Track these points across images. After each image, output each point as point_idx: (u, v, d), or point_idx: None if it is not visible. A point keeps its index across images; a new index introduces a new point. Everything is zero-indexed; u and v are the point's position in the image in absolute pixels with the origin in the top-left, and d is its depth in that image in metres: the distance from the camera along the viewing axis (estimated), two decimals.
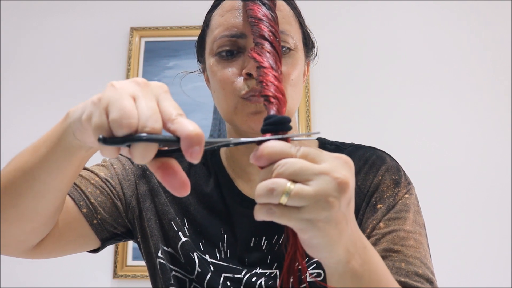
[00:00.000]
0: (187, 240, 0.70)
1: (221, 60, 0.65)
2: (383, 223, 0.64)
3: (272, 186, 0.39)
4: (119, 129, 0.36)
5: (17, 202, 0.53)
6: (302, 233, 0.41)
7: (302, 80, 0.69)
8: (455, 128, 1.77)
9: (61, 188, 0.54)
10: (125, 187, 0.73)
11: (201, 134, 0.36)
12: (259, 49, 0.53)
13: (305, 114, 1.77)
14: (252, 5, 0.58)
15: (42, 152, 0.50)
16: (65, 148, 0.48)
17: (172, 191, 0.39)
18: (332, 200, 0.39)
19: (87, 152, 0.50)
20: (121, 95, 0.38)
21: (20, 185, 0.52)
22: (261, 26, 0.55)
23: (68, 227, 0.66)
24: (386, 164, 0.71)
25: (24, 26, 1.94)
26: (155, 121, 0.37)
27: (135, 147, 0.36)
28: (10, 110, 1.85)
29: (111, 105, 0.37)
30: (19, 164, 0.53)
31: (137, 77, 0.41)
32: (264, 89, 0.48)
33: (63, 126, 0.47)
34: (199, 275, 0.68)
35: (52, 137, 0.49)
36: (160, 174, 0.39)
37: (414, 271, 0.59)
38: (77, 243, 0.69)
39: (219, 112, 0.69)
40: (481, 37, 1.85)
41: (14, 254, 0.62)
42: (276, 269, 0.67)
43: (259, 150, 0.41)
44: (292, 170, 0.39)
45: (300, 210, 0.39)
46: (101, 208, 0.70)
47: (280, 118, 0.44)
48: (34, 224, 0.58)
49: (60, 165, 0.50)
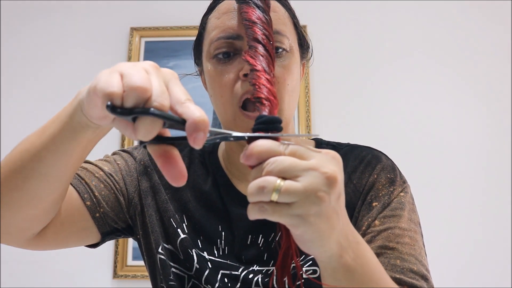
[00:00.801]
0: (186, 237, 0.71)
1: (219, 63, 0.66)
2: (378, 220, 0.65)
3: (263, 184, 0.39)
4: (131, 94, 0.36)
5: (22, 185, 0.53)
6: (294, 229, 0.42)
7: (299, 82, 0.70)
8: (455, 129, 1.77)
9: (65, 172, 0.54)
10: (128, 182, 0.74)
11: (206, 121, 0.37)
12: (253, 52, 0.54)
13: (305, 114, 1.77)
14: (246, 8, 0.59)
15: (49, 132, 0.50)
16: (72, 127, 0.48)
17: (170, 180, 0.40)
18: (321, 195, 0.39)
19: (94, 133, 0.49)
20: (137, 66, 0.39)
21: (25, 167, 0.52)
22: (255, 29, 0.56)
23: (70, 219, 0.67)
24: (382, 163, 0.72)
25: (24, 26, 1.95)
26: (164, 99, 0.37)
27: (141, 120, 0.37)
28: (10, 110, 1.86)
29: (127, 72, 0.38)
30: (25, 146, 0.53)
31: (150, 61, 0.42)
32: (256, 91, 0.49)
33: (73, 104, 0.47)
34: (198, 272, 0.69)
35: (60, 117, 0.49)
36: (160, 162, 0.40)
37: (409, 268, 0.60)
38: (78, 235, 0.69)
39: (219, 118, 0.71)
40: (482, 37, 1.85)
41: (15, 243, 0.62)
42: (272, 266, 0.68)
43: (248, 149, 0.41)
44: (281, 167, 0.40)
45: (290, 206, 0.39)
46: (104, 202, 0.70)
47: (271, 117, 0.45)
48: (37, 211, 0.58)
49: (67, 146, 0.50)
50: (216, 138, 0.43)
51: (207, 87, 0.73)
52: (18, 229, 0.60)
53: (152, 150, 0.40)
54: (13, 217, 0.56)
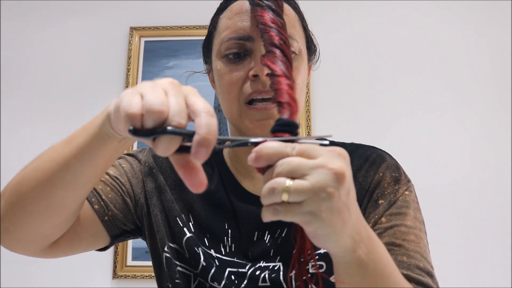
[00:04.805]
0: (192, 236, 0.72)
1: (229, 63, 0.67)
2: (384, 218, 0.66)
3: (273, 185, 0.41)
4: (149, 117, 0.39)
5: (49, 193, 0.55)
6: (308, 226, 0.42)
7: (305, 84, 0.72)
8: (456, 130, 1.77)
9: (91, 180, 0.56)
10: (134, 184, 0.75)
11: (210, 139, 0.39)
12: (272, 57, 0.54)
13: (305, 114, 1.77)
14: (261, 11, 0.59)
15: (78, 142, 0.52)
16: (100, 137, 0.50)
17: (190, 188, 0.42)
18: (331, 191, 0.40)
19: (120, 143, 0.51)
20: (156, 87, 0.41)
21: (54, 176, 0.54)
22: (272, 34, 0.56)
23: (81, 225, 0.68)
24: (386, 162, 0.73)
25: (24, 26, 1.94)
26: (181, 117, 0.39)
27: (159, 139, 0.39)
28: (10, 110, 1.85)
29: (146, 94, 0.40)
30: (52, 156, 0.55)
31: (170, 78, 0.44)
32: (278, 96, 0.50)
33: (102, 115, 0.50)
34: (203, 270, 0.69)
35: (89, 128, 0.51)
36: (182, 172, 0.41)
37: (416, 265, 0.61)
38: (89, 240, 0.70)
39: (225, 114, 0.72)
40: (482, 38, 1.85)
41: (31, 252, 0.64)
42: (279, 262, 0.69)
43: (256, 151, 0.42)
44: (289, 168, 0.41)
45: (301, 204, 0.40)
46: (112, 204, 0.71)
47: (290, 121, 0.47)
48: (61, 218, 0.60)
49: (94, 154, 0.52)
50: (234, 145, 0.45)
51: (215, 85, 0.74)
52: (39, 238, 0.61)
53: (174, 160, 0.42)
54: (38, 226, 0.58)
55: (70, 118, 1.80)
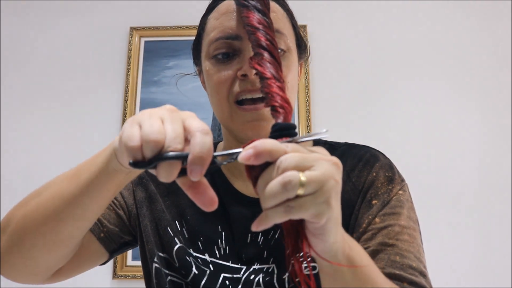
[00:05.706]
0: (182, 245, 0.72)
1: (217, 63, 0.67)
2: (378, 218, 0.66)
3: (287, 179, 0.39)
4: (147, 146, 0.40)
5: (58, 228, 0.56)
6: (319, 218, 0.41)
7: (297, 82, 0.71)
8: (456, 129, 1.77)
9: (98, 212, 0.57)
10: (125, 196, 0.76)
11: (202, 157, 0.39)
12: (259, 59, 0.54)
13: (305, 114, 1.76)
14: (247, 12, 0.59)
15: (85, 177, 0.53)
16: (107, 172, 0.51)
17: (201, 207, 0.42)
18: (337, 178, 0.42)
19: (127, 176, 0.52)
20: (153, 116, 0.42)
21: (61, 212, 0.54)
22: (258, 35, 0.56)
23: (80, 247, 0.68)
24: (380, 161, 0.73)
25: (24, 26, 1.95)
26: (177, 143, 0.40)
27: (160, 167, 0.40)
28: (10, 109, 1.86)
29: (143, 123, 0.41)
30: (57, 191, 0.55)
31: (168, 105, 0.46)
32: (270, 100, 0.50)
33: (108, 149, 0.50)
34: (195, 278, 0.69)
35: (95, 163, 0.52)
36: (191, 193, 0.42)
37: (408, 264, 0.61)
38: (90, 261, 0.72)
39: (216, 115, 0.71)
40: (482, 38, 1.85)
41: (37, 282, 0.64)
42: (272, 263, 0.68)
43: (256, 148, 0.40)
44: (296, 161, 0.40)
45: (315, 195, 0.40)
46: (106, 220, 0.72)
47: (286, 124, 0.46)
48: (68, 249, 0.61)
49: (101, 188, 0.53)
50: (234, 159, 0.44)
51: (205, 86, 0.73)
52: (45, 269, 0.62)
53: (180, 183, 0.42)
54: (45, 259, 0.59)
55: (70, 118, 1.80)
